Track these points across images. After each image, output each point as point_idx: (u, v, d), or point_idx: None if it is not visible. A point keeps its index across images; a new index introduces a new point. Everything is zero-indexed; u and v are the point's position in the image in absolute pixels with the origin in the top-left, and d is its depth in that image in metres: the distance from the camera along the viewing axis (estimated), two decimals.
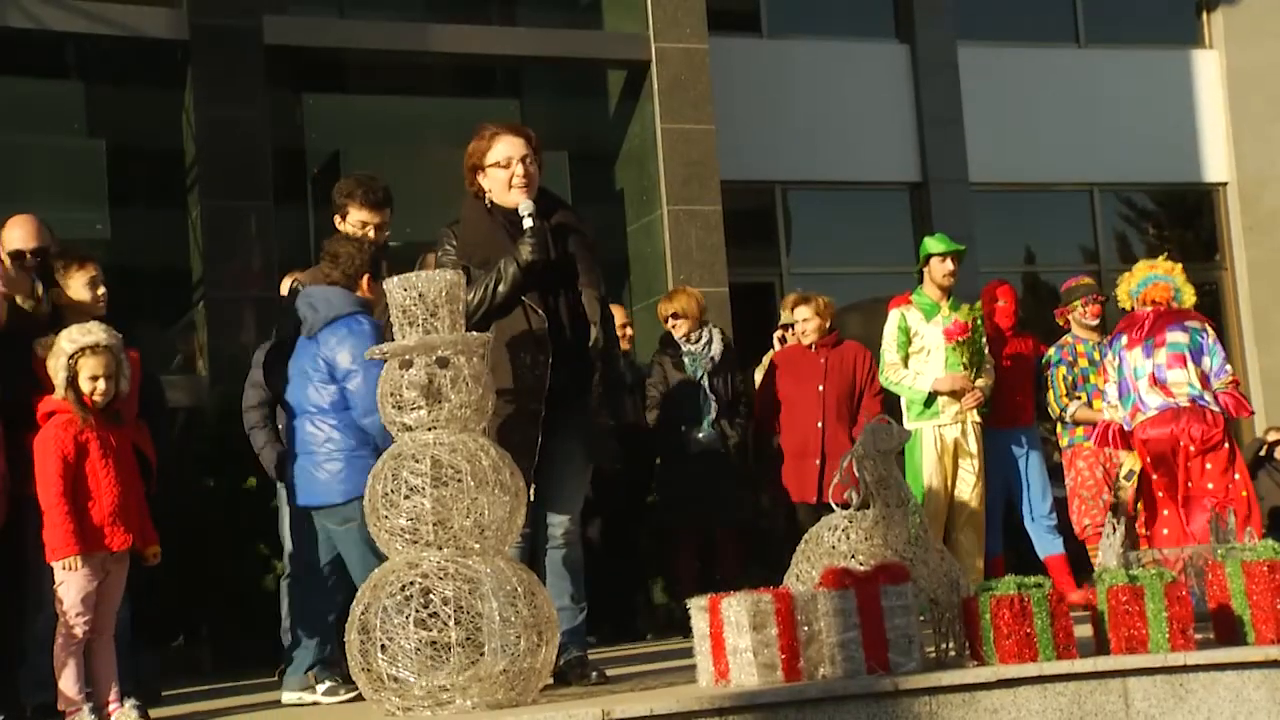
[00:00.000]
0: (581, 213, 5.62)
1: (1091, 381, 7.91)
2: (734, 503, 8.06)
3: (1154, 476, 6.47)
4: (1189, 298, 6.95)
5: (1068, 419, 7.98)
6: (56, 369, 5.09)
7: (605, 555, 7.87)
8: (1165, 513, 6.44)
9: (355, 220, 6.13)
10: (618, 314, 7.25)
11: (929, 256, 7.92)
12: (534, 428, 5.13)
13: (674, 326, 8.22)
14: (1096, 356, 7.94)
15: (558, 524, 5.29)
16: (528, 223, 5.21)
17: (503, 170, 5.27)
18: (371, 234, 6.09)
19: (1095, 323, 8.10)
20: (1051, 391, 8.03)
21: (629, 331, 8.15)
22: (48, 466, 5.02)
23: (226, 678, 7.05)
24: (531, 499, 5.06)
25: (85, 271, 5.70)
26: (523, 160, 5.27)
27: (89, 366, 5.09)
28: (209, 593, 7.94)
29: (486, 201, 5.34)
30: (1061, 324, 8.32)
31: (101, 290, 5.73)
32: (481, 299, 5.14)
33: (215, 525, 7.90)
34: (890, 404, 8.01)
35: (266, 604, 6.84)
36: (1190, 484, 6.45)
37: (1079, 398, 7.94)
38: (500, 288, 5.15)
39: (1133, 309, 6.92)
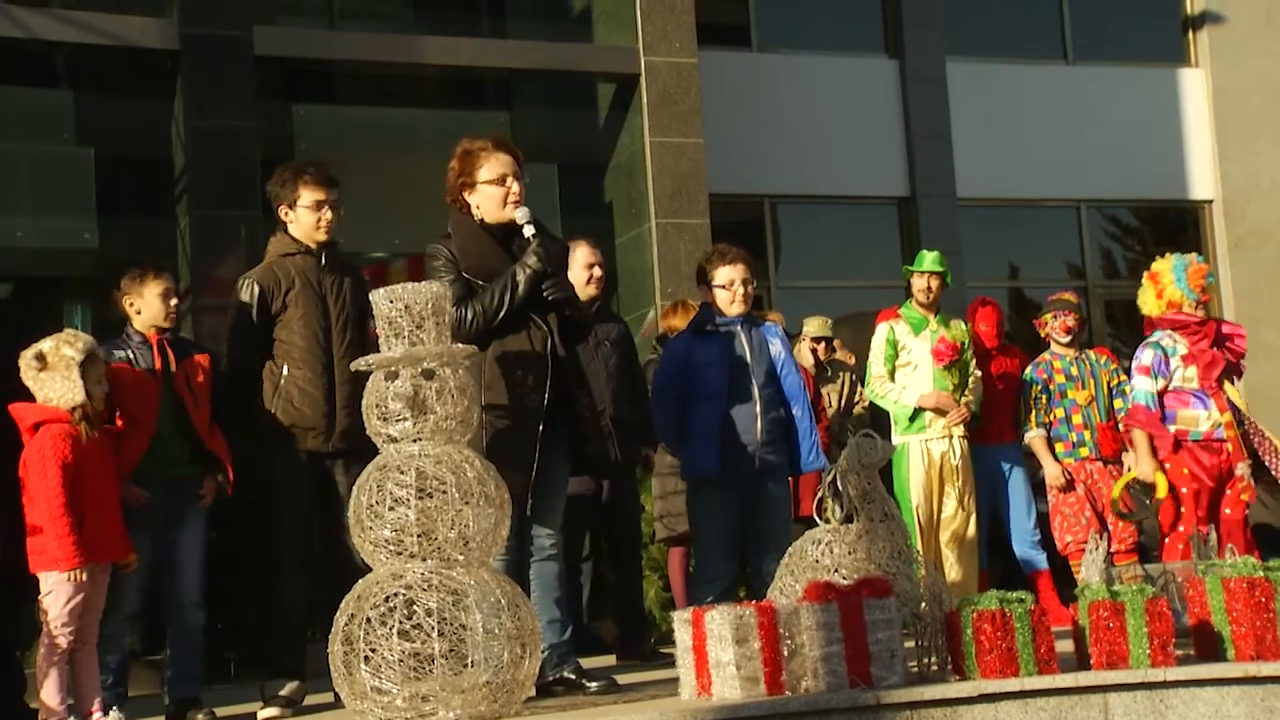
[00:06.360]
0: (572, 225, 5.66)
1: (1069, 397, 7.93)
2: None
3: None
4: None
5: (1024, 441, 8.02)
6: (71, 378, 5.04)
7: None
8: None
9: (309, 201, 5.75)
10: (587, 255, 7.07)
11: (911, 272, 7.96)
12: (532, 445, 5.13)
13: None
14: (1074, 371, 7.98)
15: (545, 535, 5.29)
16: (529, 230, 5.23)
17: (496, 187, 5.28)
18: (328, 214, 5.79)
19: (1066, 339, 8.10)
20: (1021, 411, 8.04)
21: (599, 273, 7.79)
22: (49, 477, 4.95)
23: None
24: (529, 514, 5.11)
25: (160, 282, 5.72)
26: (516, 177, 5.31)
27: (93, 375, 5.12)
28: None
29: (476, 217, 5.36)
30: (1042, 335, 8.32)
31: (174, 302, 5.77)
32: (499, 304, 5.13)
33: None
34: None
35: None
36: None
37: (1046, 423, 7.95)
38: (517, 292, 5.15)
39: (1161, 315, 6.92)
